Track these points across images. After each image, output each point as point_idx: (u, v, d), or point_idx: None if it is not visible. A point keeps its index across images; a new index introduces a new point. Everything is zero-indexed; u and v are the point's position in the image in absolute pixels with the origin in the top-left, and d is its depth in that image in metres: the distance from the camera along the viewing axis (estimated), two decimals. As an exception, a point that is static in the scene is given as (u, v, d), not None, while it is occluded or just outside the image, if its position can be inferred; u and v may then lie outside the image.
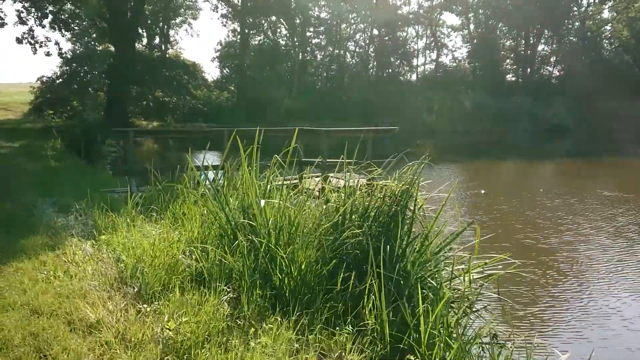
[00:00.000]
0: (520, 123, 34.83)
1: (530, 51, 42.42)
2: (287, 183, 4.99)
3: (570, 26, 41.98)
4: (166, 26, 39.02)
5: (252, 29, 39.96)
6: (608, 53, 41.81)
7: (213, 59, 43.56)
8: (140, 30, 32.25)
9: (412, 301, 3.67)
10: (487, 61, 41.74)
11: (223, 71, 42.05)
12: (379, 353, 3.30)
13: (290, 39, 41.49)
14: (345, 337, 3.24)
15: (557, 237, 8.21)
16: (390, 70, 43.98)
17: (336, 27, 42.49)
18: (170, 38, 40.07)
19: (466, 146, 26.75)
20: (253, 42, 40.70)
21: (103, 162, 13.98)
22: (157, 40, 39.10)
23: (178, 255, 4.29)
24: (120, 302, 3.61)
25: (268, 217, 4.27)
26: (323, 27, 42.51)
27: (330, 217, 4.47)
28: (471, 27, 44.08)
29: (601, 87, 35.13)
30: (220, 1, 39.46)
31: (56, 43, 32.94)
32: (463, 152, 24.32)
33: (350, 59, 44.70)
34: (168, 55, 37.84)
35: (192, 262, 4.25)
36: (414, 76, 45.37)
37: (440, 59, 45.47)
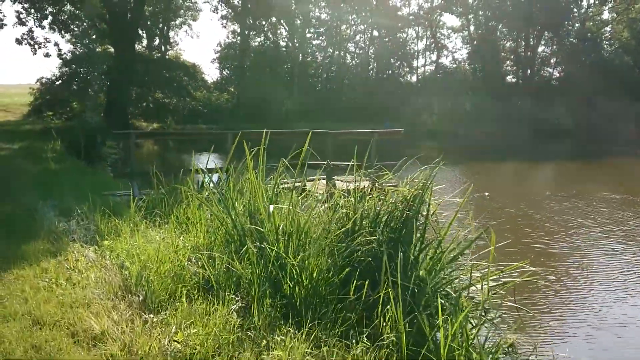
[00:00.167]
0: (520, 124, 34.74)
1: (530, 52, 42.32)
2: (290, 186, 4.86)
3: (570, 27, 41.89)
4: (166, 27, 38.89)
5: (252, 30, 39.84)
6: (608, 54, 41.72)
7: (213, 61, 43.47)
8: (140, 31, 32.10)
9: (429, 310, 3.54)
10: (487, 62, 41.67)
11: (223, 72, 41.97)
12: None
13: (290, 41, 41.39)
14: (361, 350, 3.11)
15: (567, 242, 8.07)
16: (390, 71, 43.91)
17: (336, 29, 42.41)
18: (170, 39, 39.98)
19: (467, 148, 26.61)
20: (253, 44, 40.58)
21: (103, 164, 13.87)
22: (157, 41, 39.00)
23: (184, 262, 4.16)
24: (125, 312, 3.48)
25: (277, 223, 4.14)
26: (323, 29, 42.45)
27: (340, 223, 4.34)
28: (471, 29, 43.99)
29: (601, 89, 35.05)
30: (220, 2, 39.42)
31: (56, 44, 32.73)
32: (464, 154, 24.16)
33: (350, 61, 44.63)
34: (168, 56, 37.71)
35: (199, 270, 4.12)
36: (414, 78, 45.33)
37: (440, 61, 45.41)
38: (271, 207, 4.17)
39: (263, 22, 39.95)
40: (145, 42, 36.90)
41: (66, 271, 4.24)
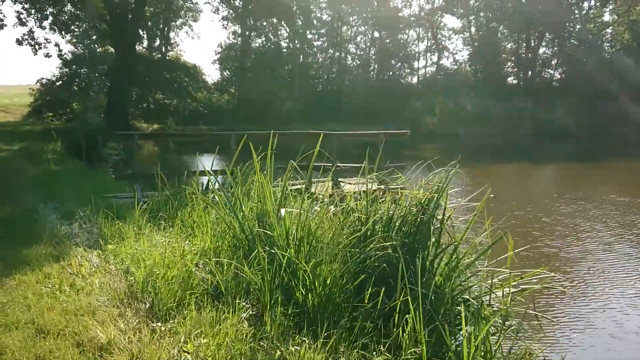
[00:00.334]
0: (521, 126, 34.67)
1: (531, 54, 42.29)
2: (298, 188, 4.72)
3: (571, 29, 41.87)
4: (167, 28, 38.79)
5: (253, 31, 39.75)
6: (609, 56, 41.67)
7: (214, 61, 43.28)
8: (140, 32, 32.00)
9: (447, 317, 3.40)
10: (488, 64, 41.60)
11: (224, 73, 41.90)
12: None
13: (291, 42, 41.30)
14: (380, 362, 2.97)
15: (579, 246, 7.92)
16: (391, 72, 43.85)
17: (337, 30, 42.33)
18: (170, 40, 39.89)
19: (468, 149, 26.48)
20: (254, 45, 40.49)
21: (104, 165, 13.71)
22: (158, 42, 38.91)
23: (192, 267, 4.02)
24: (132, 320, 3.34)
25: (288, 227, 4.00)
26: (324, 30, 42.36)
27: (352, 227, 4.21)
28: (472, 30, 43.95)
29: (602, 90, 35.05)
30: (221, 3, 39.31)
31: (56, 45, 32.58)
32: (465, 155, 24.00)
33: (351, 62, 44.59)
34: (168, 57, 37.60)
35: (207, 276, 3.97)
36: (415, 79, 45.27)
37: (441, 62, 45.41)
38: (282, 211, 4.03)
39: (264, 23, 39.86)
40: (145, 43, 36.84)
41: (70, 276, 4.09)
